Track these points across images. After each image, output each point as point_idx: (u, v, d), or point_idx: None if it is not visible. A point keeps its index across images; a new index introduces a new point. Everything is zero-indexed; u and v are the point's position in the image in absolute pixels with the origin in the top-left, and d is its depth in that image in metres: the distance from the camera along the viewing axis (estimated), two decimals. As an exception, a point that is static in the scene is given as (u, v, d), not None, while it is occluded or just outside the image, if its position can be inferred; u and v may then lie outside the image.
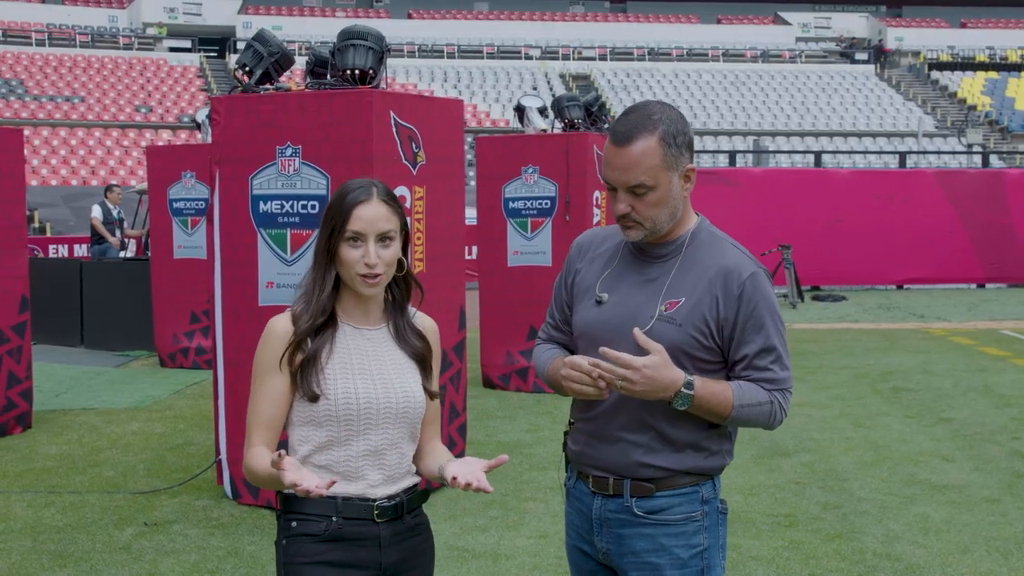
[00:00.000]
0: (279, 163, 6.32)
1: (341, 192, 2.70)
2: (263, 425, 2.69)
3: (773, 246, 17.88)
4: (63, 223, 28.68)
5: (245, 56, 6.51)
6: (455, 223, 6.96)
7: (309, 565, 2.67)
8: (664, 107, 2.78)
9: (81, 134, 36.66)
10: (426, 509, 6.46)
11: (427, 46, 50.45)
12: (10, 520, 6.29)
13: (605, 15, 58.27)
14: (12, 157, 8.59)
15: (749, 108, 45.70)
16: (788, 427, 8.54)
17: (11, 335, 8.52)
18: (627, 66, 50.27)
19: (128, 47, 46.82)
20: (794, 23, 57.18)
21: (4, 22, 45.76)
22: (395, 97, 6.37)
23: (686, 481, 2.79)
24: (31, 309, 13.07)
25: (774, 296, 2.82)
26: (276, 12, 53.67)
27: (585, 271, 2.92)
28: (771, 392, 2.75)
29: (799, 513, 6.35)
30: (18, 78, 40.58)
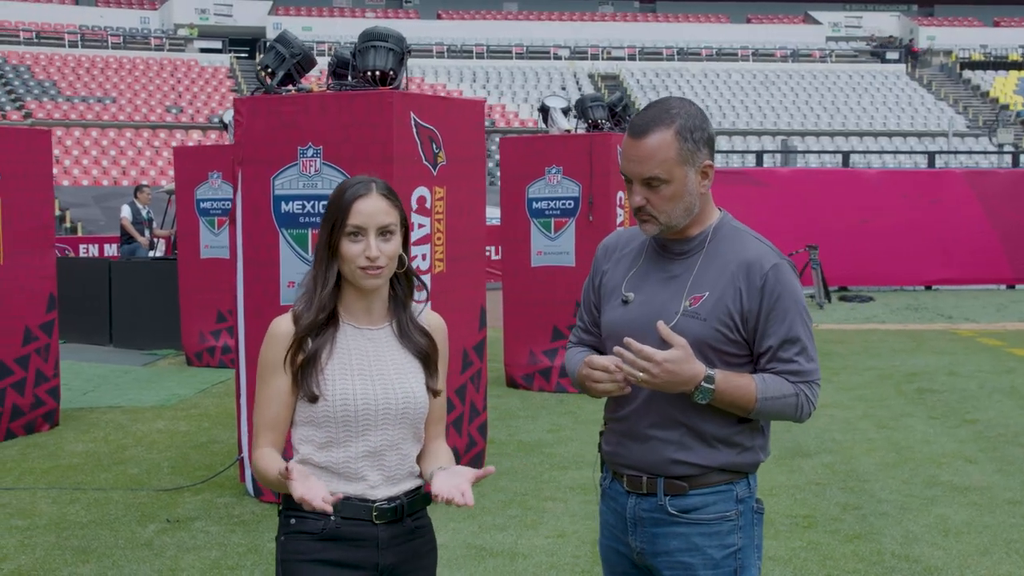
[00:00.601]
0: (300, 164, 6.37)
1: (340, 188, 2.71)
2: (268, 426, 2.71)
3: (800, 246, 17.81)
4: (94, 223, 28.95)
5: (267, 58, 6.57)
6: (476, 223, 6.99)
7: (306, 563, 2.68)
8: (684, 103, 2.79)
9: (112, 134, 36.97)
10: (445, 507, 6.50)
11: (456, 46, 50.54)
12: (35, 516, 6.37)
13: (634, 15, 58.19)
14: (40, 158, 8.68)
15: (779, 108, 45.51)
16: (810, 428, 8.51)
17: (39, 334, 8.62)
18: (656, 66, 50.17)
19: (159, 48, 47.17)
20: (824, 22, 56.91)
21: (37, 24, 46.21)
22: (415, 98, 6.41)
23: (720, 479, 2.78)
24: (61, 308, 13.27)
25: (799, 287, 2.80)
26: (306, 13, 53.93)
27: (611, 272, 2.93)
28: (796, 384, 2.73)
29: (818, 514, 6.34)
30: (51, 79, 40.97)
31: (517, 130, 38.65)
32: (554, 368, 10.29)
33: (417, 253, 6.38)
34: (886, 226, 19.24)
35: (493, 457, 7.68)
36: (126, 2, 53.26)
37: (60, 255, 19.79)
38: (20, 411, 8.45)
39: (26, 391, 8.49)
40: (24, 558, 5.66)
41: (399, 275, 2.76)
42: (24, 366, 8.49)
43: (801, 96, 47.00)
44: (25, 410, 8.49)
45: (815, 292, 17.40)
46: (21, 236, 8.44)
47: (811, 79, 49.11)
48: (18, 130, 8.85)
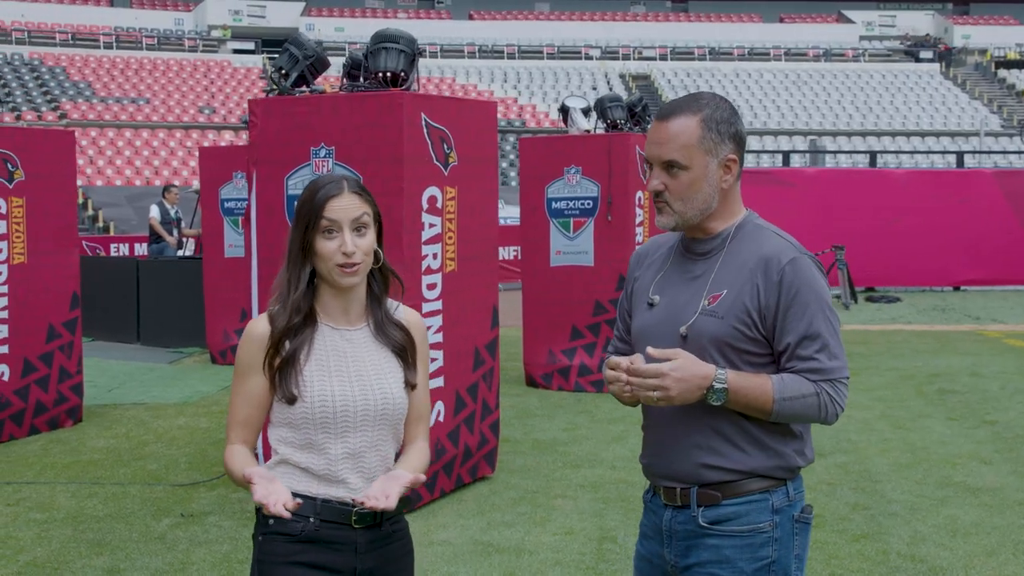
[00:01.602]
0: (313, 164, 6.46)
1: (312, 188, 2.70)
2: (239, 424, 2.72)
3: (827, 246, 17.75)
4: (126, 222, 29.25)
5: (281, 59, 6.66)
6: (488, 223, 7.04)
7: (283, 565, 2.66)
8: (717, 97, 2.76)
9: (146, 135, 37.33)
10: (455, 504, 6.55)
11: (487, 47, 50.64)
12: (54, 509, 6.49)
13: (666, 15, 58.07)
14: (64, 158, 8.82)
15: (810, 108, 45.28)
16: (824, 428, 8.50)
17: (62, 331, 8.76)
18: (687, 66, 50.06)
19: (193, 49, 47.57)
20: (858, 21, 56.56)
21: (73, 25, 46.74)
22: (426, 99, 6.47)
23: (756, 487, 2.70)
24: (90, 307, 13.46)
25: (822, 282, 2.70)
26: (338, 14, 54.21)
27: (642, 278, 2.89)
28: (818, 383, 2.64)
29: (827, 513, 6.34)
30: (86, 80, 41.41)
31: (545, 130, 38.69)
32: (573, 367, 10.33)
33: (428, 252, 6.44)
34: (914, 226, 19.13)
35: (508, 455, 7.74)
36: (160, 4, 53.75)
37: (91, 254, 20.05)
38: (44, 407, 8.59)
39: (50, 387, 8.64)
40: (40, 550, 5.77)
41: (375, 271, 2.76)
42: (48, 363, 8.63)
43: (833, 96, 46.75)
44: (49, 406, 8.63)
45: (841, 292, 17.34)
46: (45, 235, 8.59)
47: (843, 79, 48.83)
48: (43, 131, 9.00)
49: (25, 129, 8.96)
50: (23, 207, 8.41)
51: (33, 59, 42.52)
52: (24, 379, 8.43)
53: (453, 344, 6.68)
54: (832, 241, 17.87)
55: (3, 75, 40.44)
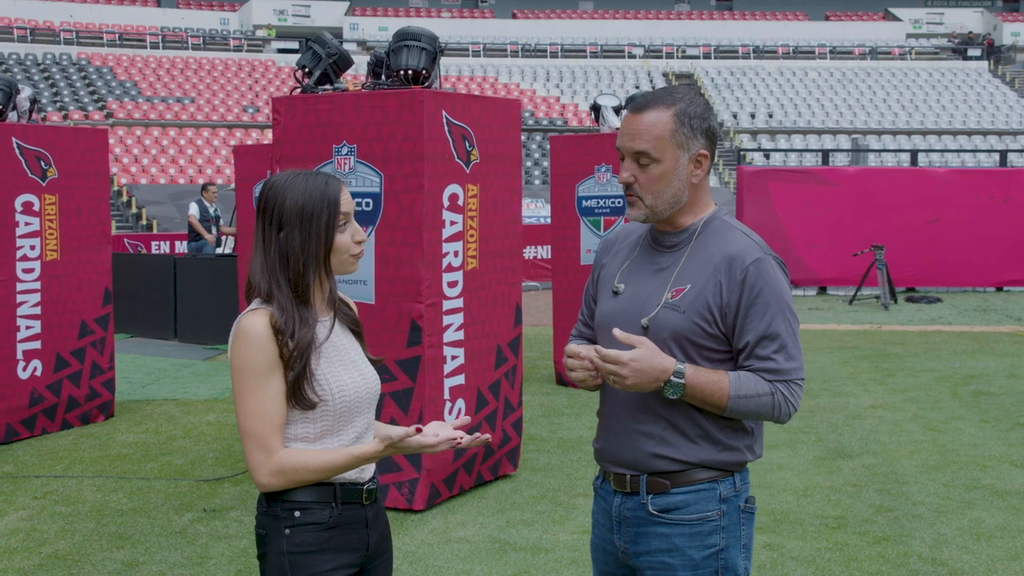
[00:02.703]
0: (335, 161, 6.49)
1: (315, 186, 2.71)
2: (278, 428, 2.66)
3: (866, 246, 17.58)
4: (169, 220, 29.55)
5: (304, 58, 6.70)
6: (511, 221, 7.03)
7: (315, 553, 2.70)
8: (691, 92, 2.80)
9: (190, 134, 37.68)
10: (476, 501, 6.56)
11: (530, 46, 50.63)
12: (79, 503, 6.57)
13: (711, 12, 57.76)
14: (97, 156, 8.92)
15: (855, 106, 44.83)
16: (856, 429, 8.44)
17: (95, 327, 8.86)
18: (731, 64, 49.74)
19: (238, 49, 47.94)
20: (905, 19, 55.95)
21: (120, 26, 47.28)
22: (447, 97, 6.48)
23: (704, 476, 2.75)
24: (129, 303, 13.62)
25: (784, 284, 2.75)
26: (382, 13, 54.43)
27: (609, 265, 2.94)
28: (773, 383, 2.69)
29: (850, 515, 6.28)
30: (132, 80, 41.87)
31: (586, 129, 38.61)
32: (602, 366, 10.28)
33: (449, 250, 6.44)
34: (955, 226, 18.87)
35: (532, 453, 7.74)
36: (207, 4, 54.24)
37: (133, 252, 20.28)
38: (76, 402, 8.70)
39: (82, 383, 8.74)
40: (63, 543, 5.84)
41: None
42: (80, 358, 8.74)
43: (879, 94, 46.25)
44: (81, 401, 8.74)
45: (880, 293, 17.16)
46: (78, 232, 8.70)
47: (889, 77, 48.30)
48: (75, 129, 9.10)
49: (58, 127, 9.06)
50: (56, 204, 8.52)
51: (81, 59, 43.07)
52: (56, 374, 8.54)
53: (474, 342, 6.68)
54: (872, 240, 17.70)
55: (52, 75, 41.00)
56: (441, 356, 6.43)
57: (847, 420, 8.80)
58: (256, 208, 2.80)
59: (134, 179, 33.67)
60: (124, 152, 35.49)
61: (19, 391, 8.27)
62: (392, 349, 6.34)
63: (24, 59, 41.94)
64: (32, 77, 40.29)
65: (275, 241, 2.70)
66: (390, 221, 6.34)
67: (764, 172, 19.45)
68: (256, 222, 2.78)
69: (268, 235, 2.72)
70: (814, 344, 12.95)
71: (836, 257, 18.44)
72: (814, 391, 10.00)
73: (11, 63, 41.08)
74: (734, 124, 43.25)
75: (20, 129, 8.31)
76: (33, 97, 8.68)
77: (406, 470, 6.37)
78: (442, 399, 6.45)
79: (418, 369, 6.31)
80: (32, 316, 8.37)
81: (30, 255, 8.35)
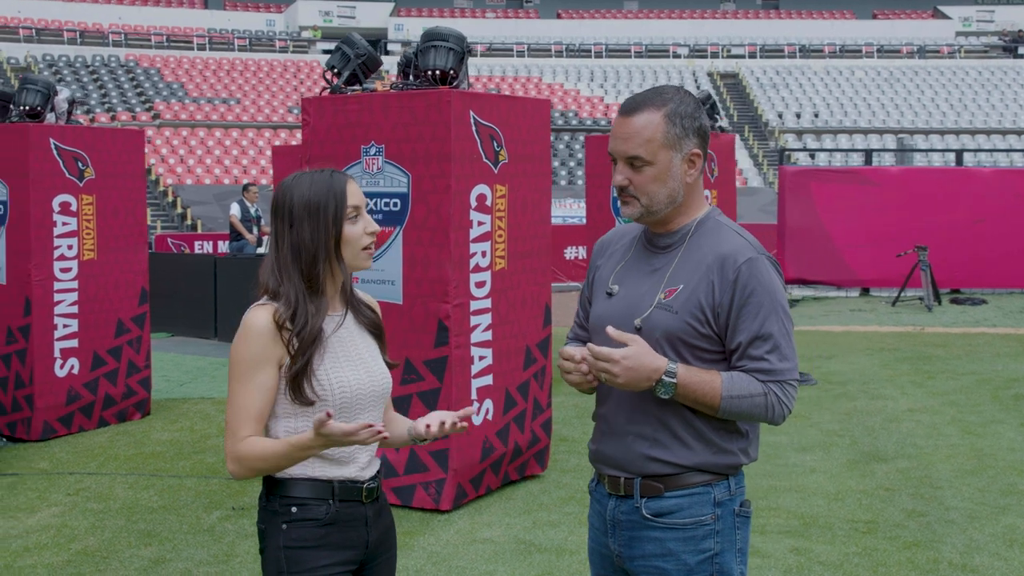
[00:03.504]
0: (364, 162, 6.50)
1: (320, 181, 2.78)
2: (253, 419, 2.70)
3: (909, 247, 17.36)
4: (214, 220, 29.82)
5: (333, 58, 6.73)
6: (540, 221, 7.02)
7: (311, 549, 2.73)
8: (681, 91, 2.78)
9: (235, 134, 38.01)
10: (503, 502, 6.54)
11: (574, 46, 50.56)
12: (110, 500, 6.64)
13: (756, 12, 57.38)
14: (134, 157, 9.02)
15: (902, 106, 44.33)
16: (892, 432, 8.34)
17: (131, 326, 8.95)
18: (777, 64, 49.37)
19: (284, 50, 48.30)
20: (954, 16, 55.23)
21: (168, 27, 47.78)
22: (475, 97, 6.47)
23: (698, 480, 2.73)
24: (170, 303, 13.75)
25: (778, 283, 2.73)
26: (427, 14, 54.56)
27: (603, 266, 2.94)
28: (766, 384, 2.67)
29: (881, 520, 6.20)
30: (179, 81, 42.31)
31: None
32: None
33: (476, 250, 6.44)
34: (1002, 227, 18.56)
35: (563, 454, 7.71)
36: (253, 5, 54.69)
37: (176, 251, 20.49)
38: (112, 400, 8.79)
39: (118, 381, 8.84)
40: (92, 539, 5.91)
41: None
42: (116, 357, 8.83)
43: (927, 93, 45.72)
44: (117, 399, 8.83)
45: (924, 294, 16.95)
46: (115, 232, 8.80)
47: (938, 76, 47.72)
48: (112, 130, 9.21)
49: (95, 128, 9.18)
50: (93, 204, 8.61)
51: (129, 60, 43.56)
52: (93, 372, 8.64)
53: (502, 342, 6.67)
54: (915, 241, 17.47)
55: (100, 76, 41.51)
56: (468, 356, 6.43)
57: (883, 423, 8.70)
58: (271, 212, 2.83)
59: (179, 179, 34.01)
60: (170, 153, 35.86)
61: (56, 389, 8.37)
62: (419, 349, 6.35)
63: (74, 61, 42.49)
64: (81, 79, 40.83)
65: (287, 237, 2.75)
66: (418, 221, 6.35)
67: (807, 172, 19.27)
68: (271, 224, 2.85)
69: (281, 232, 2.78)
70: (854, 346, 12.81)
71: (879, 258, 18.22)
72: (852, 393, 9.89)
73: (61, 65, 41.65)
74: (779, 124, 42.96)
75: (58, 130, 8.42)
76: (72, 98, 8.78)
77: (433, 470, 6.37)
78: (469, 399, 6.45)
79: (445, 369, 6.31)
80: (69, 315, 8.47)
81: (67, 255, 8.45)
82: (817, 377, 10.63)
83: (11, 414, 8.32)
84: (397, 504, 6.38)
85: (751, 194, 34.38)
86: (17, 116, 8.49)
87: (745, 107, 45.62)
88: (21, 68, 40.35)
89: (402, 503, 6.39)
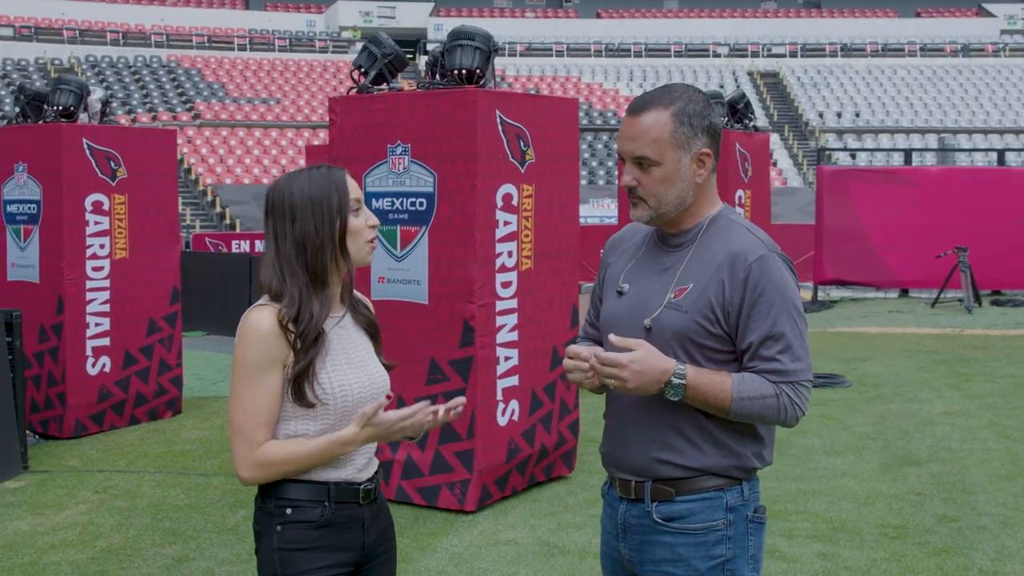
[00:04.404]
0: (390, 161, 6.49)
1: (317, 175, 2.72)
2: (267, 423, 2.67)
3: (949, 248, 17.14)
4: (252, 219, 30.02)
5: (360, 58, 6.72)
6: (568, 221, 6.97)
7: (305, 551, 2.71)
8: (690, 88, 2.72)
9: (274, 134, 38.25)
10: (529, 504, 6.50)
11: (614, 45, 50.43)
12: (137, 498, 6.67)
13: (797, 11, 56.95)
14: (166, 157, 9.07)
15: (945, 105, 43.85)
16: (926, 436, 8.21)
17: (163, 325, 9.00)
18: (818, 63, 49.00)
19: (323, 50, 48.55)
20: (999, 14, 54.55)
21: (209, 28, 48.17)
22: (502, 96, 6.44)
23: (710, 484, 2.68)
24: (206, 302, 13.84)
25: (789, 282, 2.66)
26: (467, 14, 54.62)
27: (615, 265, 2.89)
28: (778, 385, 2.61)
29: (911, 525, 6.10)
30: (219, 81, 42.64)
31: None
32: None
33: (502, 250, 6.40)
34: (1044, 227, 18.29)
35: (591, 455, 7.65)
36: (293, 6, 54.99)
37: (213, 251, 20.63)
38: (144, 398, 8.84)
39: (150, 379, 8.88)
40: (117, 537, 5.93)
41: None
42: (148, 355, 8.88)
43: (970, 92, 45.21)
44: (148, 397, 8.88)
45: (964, 296, 16.72)
46: (146, 232, 8.85)
47: (982, 74, 47.17)
48: (144, 130, 9.27)
49: (127, 128, 9.24)
50: (125, 204, 8.67)
51: (170, 61, 43.96)
52: (125, 371, 8.69)
53: (529, 343, 6.63)
54: (955, 242, 17.24)
55: (142, 77, 41.90)
56: (494, 357, 6.39)
57: (918, 426, 8.57)
58: (264, 211, 2.80)
59: (219, 179, 34.27)
60: (210, 152, 36.14)
61: (88, 387, 8.43)
62: (445, 349, 6.33)
63: (116, 62, 42.93)
64: (123, 79, 41.23)
65: (290, 233, 2.71)
66: (443, 221, 6.33)
67: (845, 172, 19.09)
68: (266, 223, 2.79)
69: (281, 230, 2.72)
70: (891, 348, 12.66)
71: (918, 259, 18.00)
72: (886, 396, 9.77)
73: (104, 66, 42.09)
74: (820, 123, 42.63)
75: (91, 130, 8.48)
76: (105, 99, 8.84)
77: (458, 471, 6.35)
78: (495, 400, 6.42)
79: (470, 370, 6.28)
80: (101, 313, 8.52)
81: (100, 254, 8.50)
82: (852, 379, 10.50)
83: (43, 411, 8.39)
84: (422, 504, 6.38)
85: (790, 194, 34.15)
86: (52, 116, 8.55)
87: (785, 107, 45.32)
88: (64, 69, 40.82)
89: (427, 503, 6.37)
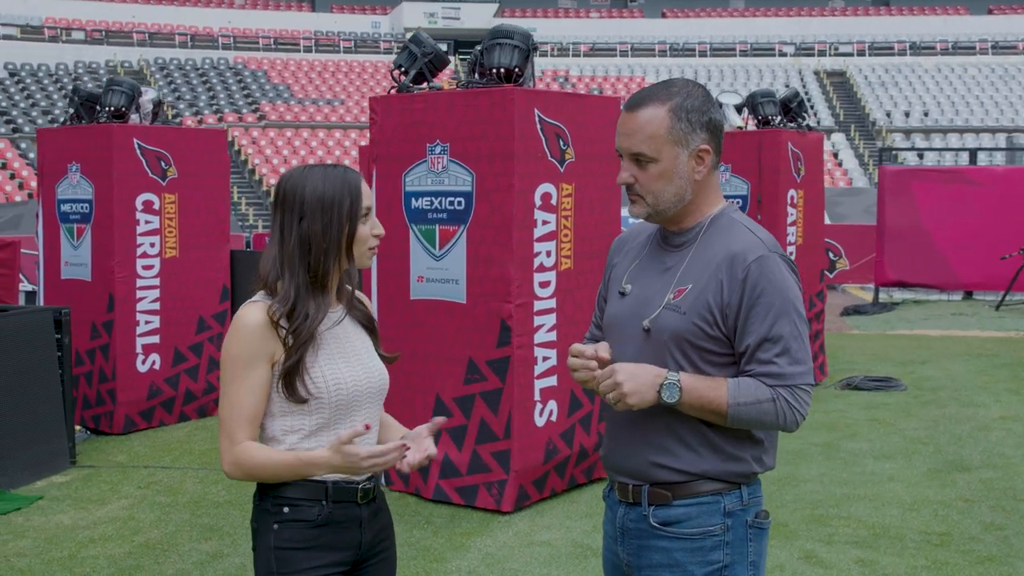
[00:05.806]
0: (429, 160, 6.49)
1: (333, 175, 2.71)
2: (247, 420, 2.67)
3: (1014, 249, 16.77)
4: (315, 220, 30.28)
5: (401, 57, 6.72)
6: (608, 221, 6.91)
7: (302, 550, 2.71)
8: (689, 83, 2.67)
9: (338, 135, 38.56)
10: (566, 505, 6.46)
11: (679, 45, 50.11)
12: (179, 494, 6.74)
13: (866, 8, 56.13)
14: (217, 157, 9.16)
15: (1017, 103, 42.94)
16: (979, 441, 8.03)
17: (212, 323, 9.09)
18: (886, 62, 48.25)
19: (388, 52, 48.81)
20: (1075, 12, 53.34)
21: (276, 30, 48.68)
22: (540, 95, 6.41)
23: (708, 489, 2.62)
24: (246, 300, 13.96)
25: (790, 283, 2.59)
26: (531, 14, 54.59)
27: (619, 265, 2.85)
28: (775, 388, 2.54)
29: (956, 532, 5.96)
30: (285, 83, 43.09)
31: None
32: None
33: (541, 250, 6.37)
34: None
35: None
36: (359, 8, 55.38)
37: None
38: (193, 395, 8.94)
39: (199, 377, 8.98)
40: (156, 532, 6.00)
41: None
42: (198, 353, 8.98)
43: (1045, 90, 44.25)
44: (197, 395, 8.98)
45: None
46: (196, 231, 8.94)
47: (1056, 72, 46.14)
48: (195, 131, 9.38)
49: (178, 128, 9.35)
50: (176, 203, 8.77)
51: (237, 63, 44.51)
52: (174, 368, 8.79)
53: (568, 343, 6.58)
54: (1021, 243, 16.87)
55: (209, 79, 42.48)
56: (531, 357, 6.36)
57: (972, 431, 8.39)
58: (273, 202, 2.80)
59: (282, 179, 34.63)
60: (274, 153, 36.52)
61: (138, 384, 8.54)
62: (482, 349, 6.31)
63: (184, 64, 43.57)
64: (191, 81, 41.83)
65: (296, 230, 2.70)
66: (481, 220, 6.31)
67: (907, 172, 18.77)
68: (273, 215, 2.79)
69: (287, 225, 2.72)
70: (951, 351, 12.41)
71: (983, 260, 17.62)
72: (941, 400, 9.57)
73: (172, 68, 42.74)
74: (887, 123, 41.97)
75: (141, 130, 8.59)
76: (157, 99, 8.95)
77: (495, 471, 6.32)
78: (532, 400, 6.39)
79: (507, 370, 6.26)
80: (151, 312, 8.63)
81: (150, 252, 8.61)
82: (908, 383, 10.31)
83: (95, 407, 8.52)
84: (461, 504, 6.37)
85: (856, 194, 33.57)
86: (104, 117, 8.68)
87: (852, 106, 44.70)
88: (134, 71, 41.52)
89: (465, 503, 6.36)
